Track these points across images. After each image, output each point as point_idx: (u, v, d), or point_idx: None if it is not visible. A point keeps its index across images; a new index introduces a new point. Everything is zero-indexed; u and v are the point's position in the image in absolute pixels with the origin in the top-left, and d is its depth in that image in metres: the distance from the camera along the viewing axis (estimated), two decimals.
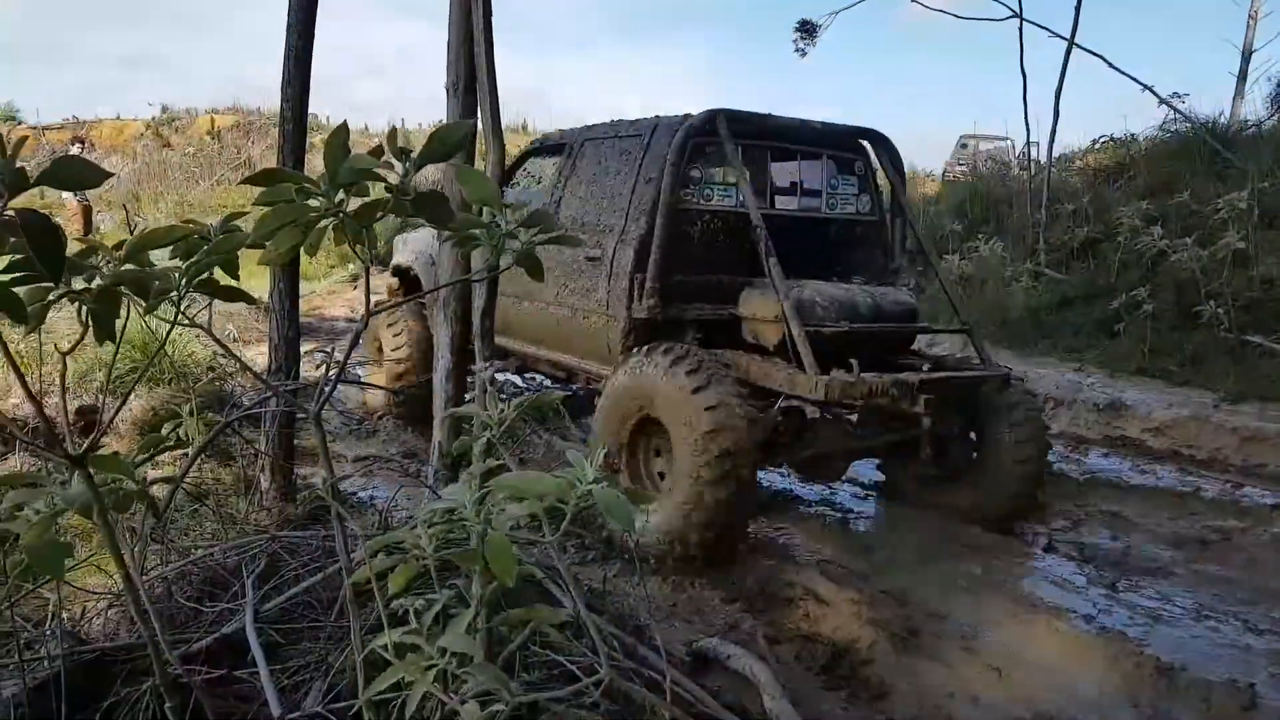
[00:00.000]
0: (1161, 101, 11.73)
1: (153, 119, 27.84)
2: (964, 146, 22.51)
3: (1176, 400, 7.02)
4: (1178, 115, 12.00)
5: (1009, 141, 19.51)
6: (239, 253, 1.51)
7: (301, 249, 1.40)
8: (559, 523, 1.46)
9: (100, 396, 5.39)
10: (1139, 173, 11.66)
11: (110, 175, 1.28)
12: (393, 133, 1.27)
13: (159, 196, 21.02)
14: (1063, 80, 11.26)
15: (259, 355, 6.63)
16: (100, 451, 1.45)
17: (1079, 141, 17.16)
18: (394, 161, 1.19)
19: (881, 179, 5.73)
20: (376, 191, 1.36)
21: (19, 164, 1.08)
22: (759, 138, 5.19)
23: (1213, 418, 6.64)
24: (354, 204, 1.38)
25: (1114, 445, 6.67)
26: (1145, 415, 6.97)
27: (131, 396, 4.86)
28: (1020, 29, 11.61)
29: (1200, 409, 6.79)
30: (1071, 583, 4.43)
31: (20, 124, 27.48)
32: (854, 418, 4.91)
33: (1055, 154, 12.25)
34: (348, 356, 1.91)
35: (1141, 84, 11.43)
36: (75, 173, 1.18)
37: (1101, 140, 15.02)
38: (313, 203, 1.20)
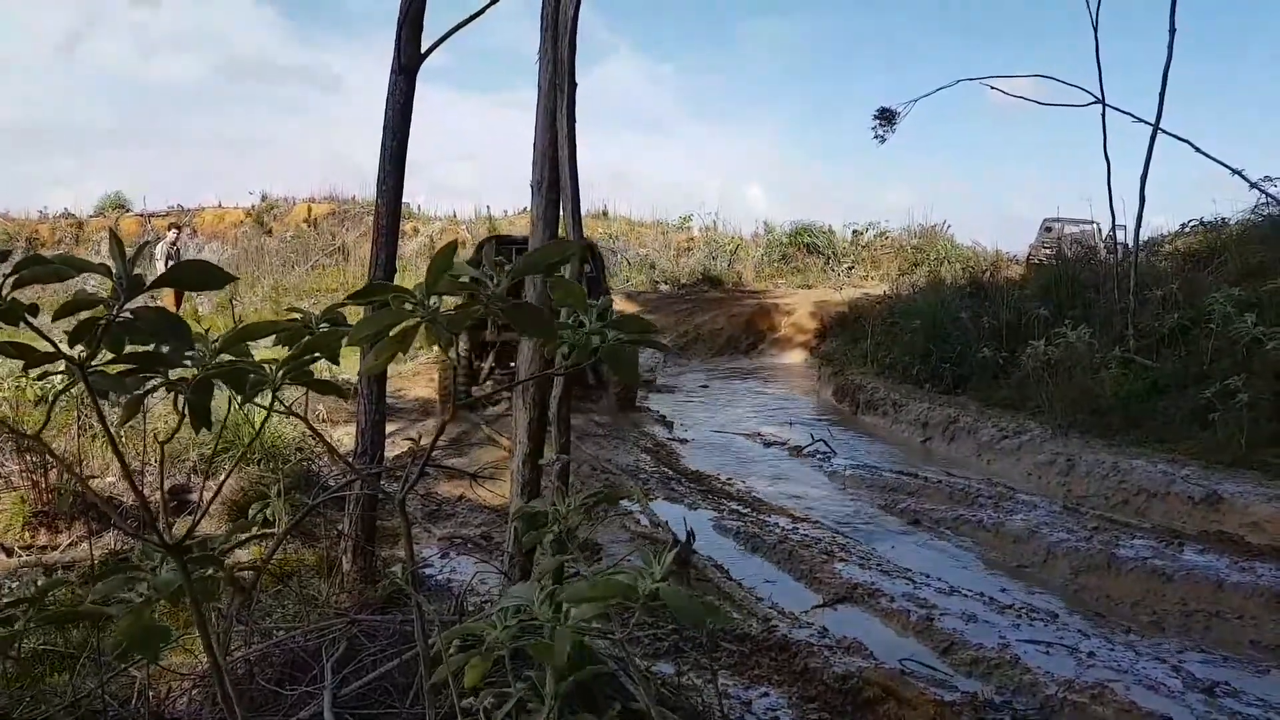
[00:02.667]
0: (1252, 185, 11.40)
1: (253, 207, 29.30)
2: (1048, 229, 22.15)
3: (1277, 494, 6.66)
4: (1270, 199, 11.67)
5: (1094, 225, 19.15)
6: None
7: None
8: (631, 615, 1.45)
9: (191, 476, 5.60)
10: (1230, 257, 11.31)
11: (234, 279, 1.35)
12: (491, 243, 1.33)
13: (255, 280, 22.02)
14: (1148, 165, 11.00)
15: (345, 435, 6.81)
16: (196, 533, 1.51)
17: (1166, 225, 16.78)
18: (490, 272, 1.23)
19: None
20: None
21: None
22: (523, 244, 10.34)
23: None
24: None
25: (1210, 541, 6.32)
26: (1244, 509, 6.61)
27: (221, 475, 5.03)
28: (1103, 114, 11.45)
29: None
30: (1167, 687, 4.19)
31: (128, 211, 29.19)
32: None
33: (1142, 238, 11.96)
34: (434, 446, 1.97)
35: (1230, 168, 11.08)
36: (199, 276, 1.25)
37: (1190, 224, 14.66)
38: (407, 307, 1.25)
